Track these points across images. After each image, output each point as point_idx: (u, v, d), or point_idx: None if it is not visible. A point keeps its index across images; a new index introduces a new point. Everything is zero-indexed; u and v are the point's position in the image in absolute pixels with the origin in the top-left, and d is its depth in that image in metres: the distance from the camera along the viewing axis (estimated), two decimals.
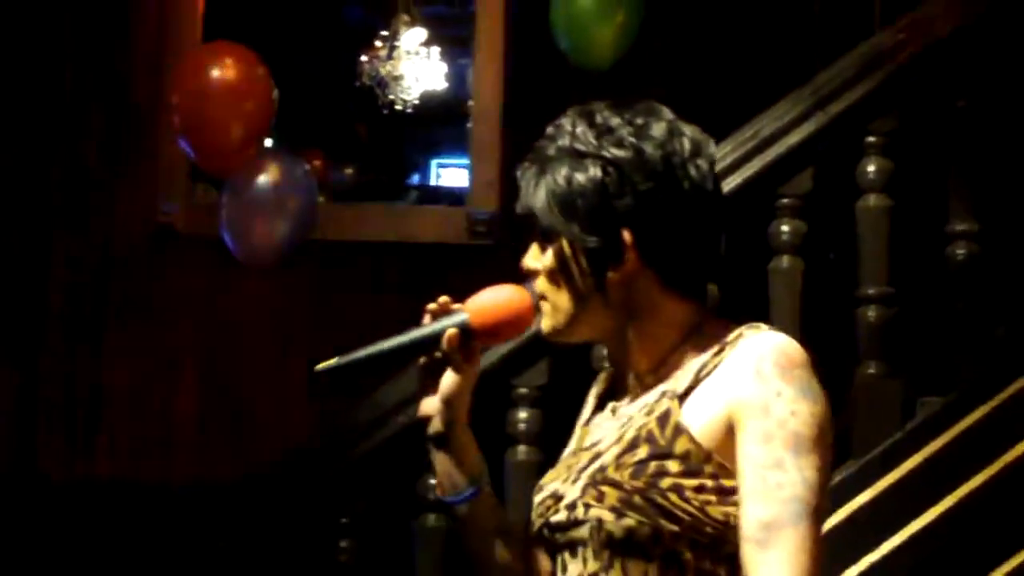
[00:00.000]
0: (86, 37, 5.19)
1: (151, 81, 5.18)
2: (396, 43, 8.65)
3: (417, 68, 8.72)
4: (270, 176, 4.01)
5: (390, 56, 8.65)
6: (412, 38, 8.70)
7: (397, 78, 8.63)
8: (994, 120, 3.75)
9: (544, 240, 1.99)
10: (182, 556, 4.39)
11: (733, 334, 1.91)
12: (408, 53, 8.65)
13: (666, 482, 1.84)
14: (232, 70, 4.25)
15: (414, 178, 10.39)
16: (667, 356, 1.95)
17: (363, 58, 8.83)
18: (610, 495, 1.87)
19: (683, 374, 1.92)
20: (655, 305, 1.95)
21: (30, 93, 5.13)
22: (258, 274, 4.63)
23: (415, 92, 8.72)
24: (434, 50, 8.81)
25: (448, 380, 2.04)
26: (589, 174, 1.91)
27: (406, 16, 8.54)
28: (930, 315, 3.77)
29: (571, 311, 1.97)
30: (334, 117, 8.98)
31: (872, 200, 3.65)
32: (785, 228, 3.65)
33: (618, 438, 1.93)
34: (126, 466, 5.02)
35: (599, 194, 1.91)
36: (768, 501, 1.79)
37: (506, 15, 5.25)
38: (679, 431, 1.86)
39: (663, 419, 1.88)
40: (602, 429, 2.02)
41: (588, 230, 1.92)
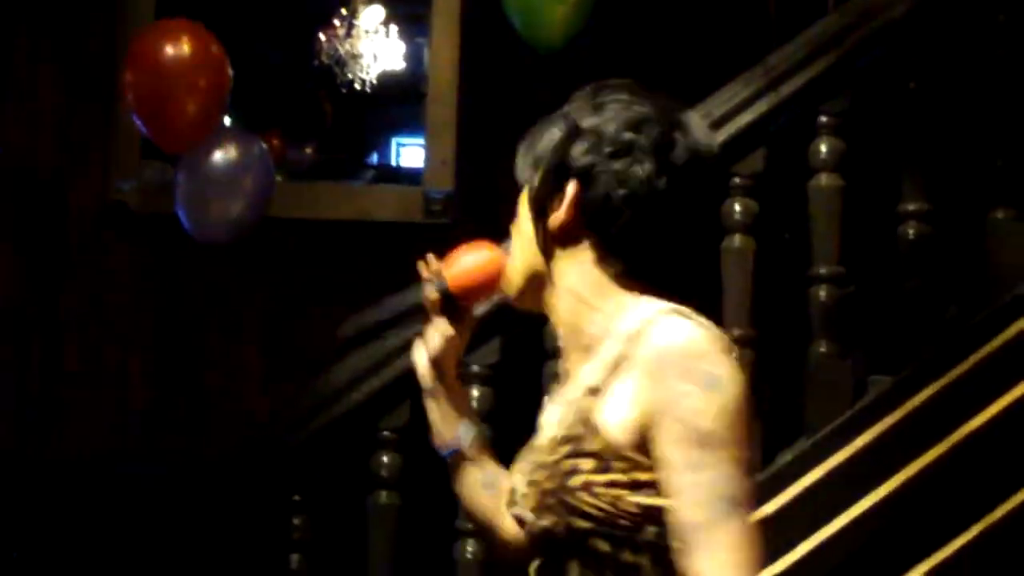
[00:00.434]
0: (40, 11, 5.15)
1: (104, 58, 5.15)
2: (355, 21, 8.63)
3: (376, 47, 8.70)
4: (226, 154, 3.99)
5: (348, 35, 8.62)
6: (370, 16, 8.68)
7: (356, 57, 8.60)
8: (945, 101, 3.77)
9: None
10: (134, 539, 4.41)
11: (650, 319, 1.90)
12: (366, 32, 8.63)
13: (577, 480, 1.88)
14: (186, 47, 4.21)
15: (373, 157, 10.35)
16: (600, 335, 1.97)
17: (321, 36, 8.79)
18: (531, 497, 1.96)
19: (603, 362, 1.94)
20: (594, 277, 1.99)
21: None
22: (213, 252, 4.61)
23: (374, 71, 8.70)
24: (392, 28, 8.79)
25: (435, 341, 2.18)
26: (553, 134, 2.02)
27: None
28: (882, 295, 3.79)
29: (519, 265, 2.07)
30: (293, 96, 8.93)
31: (824, 180, 3.67)
32: (737, 207, 3.66)
33: (547, 435, 2.00)
34: (79, 447, 4.99)
35: (556, 149, 2.01)
36: (691, 505, 1.80)
37: None
38: (592, 428, 1.90)
39: (580, 415, 1.93)
40: (546, 416, 2.08)
41: (538, 175, 2.03)
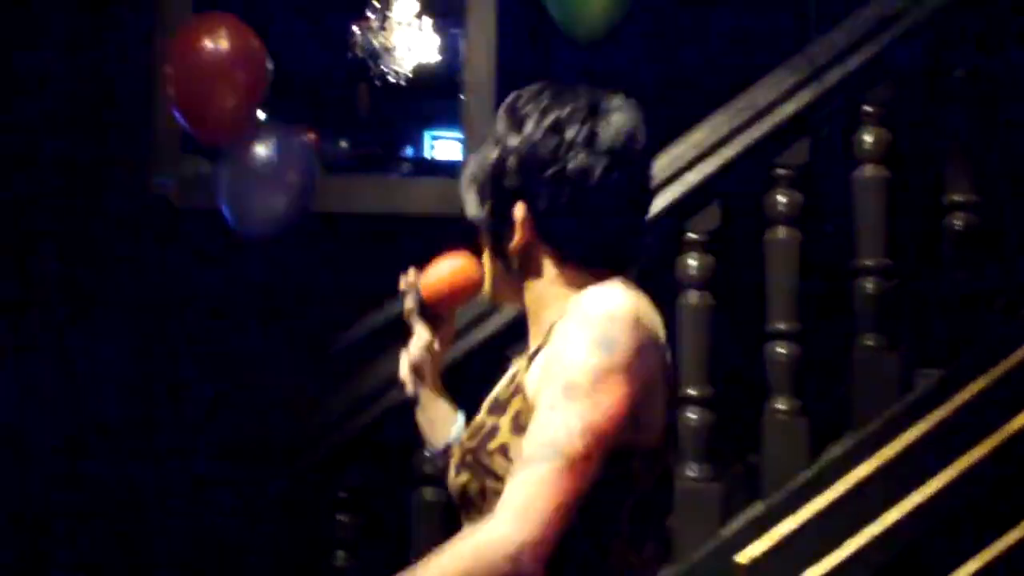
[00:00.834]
0: (76, 5, 5.14)
1: (143, 53, 5.14)
2: (388, 14, 8.61)
3: (409, 39, 8.67)
4: (268, 147, 3.97)
5: (382, 27, 8.60)
6: (404, 9, 8.66)
7: (389, 49, 8.59)
8: (992, 89, 3.72)
9: None
10: (182, 535, 4.41)
11: (588, 291, 2.00)
12: (400, 24, 8.61)
13: (494, 443, 1.99)
14: (226, 41, 4.21)
15: (407, 151, 10.34)
16: (556, 318, 2.02)
17: (355, 30, 8.78)
18: (456, 454, 2.10)
19: (542, 332, 2.05)
20: (553, 276, 2.08)
21: (20, 62, 5.09)
22: (251, 247, 4.60)
23: (408, 64, 8.68)
24: (426, 21, 8.77)
25: (415, 349, 2.35)
26: (489, 158, 2.11)
27: None
28: (928, 287, 3.75)
29: (491, 277, 2.18)
30: (328, 90, 8.93)
31: (868, 171, 3.63)
32: (781, 199, 3.63)
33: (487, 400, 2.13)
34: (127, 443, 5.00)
35: (493, 175, 2.10)
36: (531, 437, 1.88)
37: None
38: (517, 391, 2.01)
39: (512, 379, 2.06)
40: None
41: (484, 205, 2.12)
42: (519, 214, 2.06)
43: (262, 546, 3.72)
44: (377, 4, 8.68)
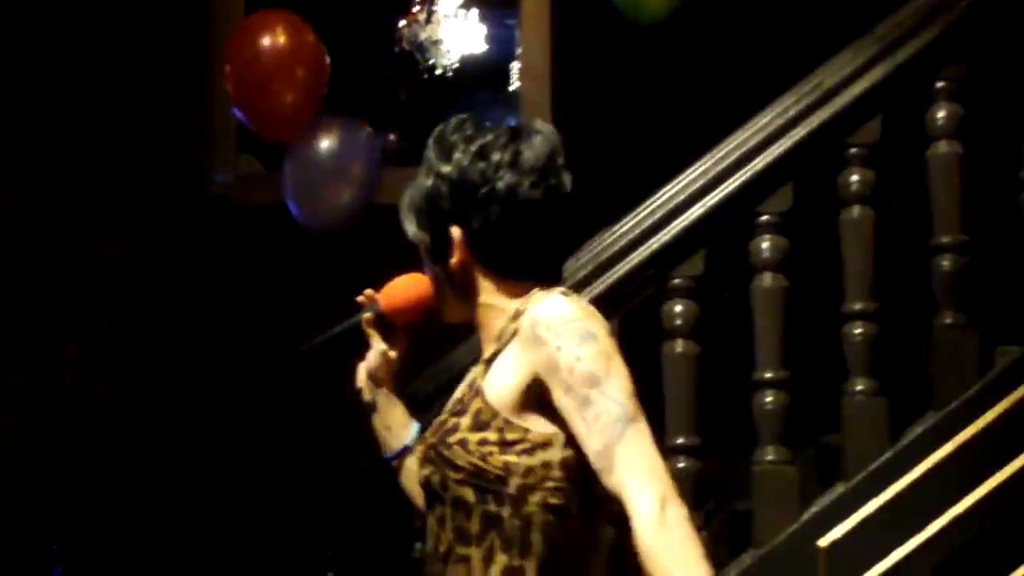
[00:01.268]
0: (131, 6, 5.15)
1: (197, 51, 5.15)
2: (434, 7, 8.58)
3: (456, 31, 8.63)
4: (333, 141, 3.97)
5: (428, 20, 8.57)
6: (450, 1, 8.62)
7: (436, 42, 8.55)
8: None
9: None
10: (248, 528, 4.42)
11: (532, 299, 2.19)
12: (446, 16, 8.57)
13: (454, 437, 2.16)
14: (284, 37, 4.22)
15: None
16: (504, 326, 2.22)
17: (401, 23, 8.75)
18: (420, 451, 2.28)
19: (494, 338, 2.24)
20: (493, 289, 2.26)
21: (76, 66, 5.10)
22: (309, 241, 4.60)
23: (454, 56, 8.64)
24: (472, 12, 8.73)
25: (371, 357, 2.52)
26: (424, 185, 2.28)
27: None
28: (1005, 263, 3.70)
29: (438, 295, 2.35)
30: (375, 83, 8.90)
31: (943, 147, 3.59)
32: (855, 178, 3.60)
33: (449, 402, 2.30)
34: (184, 438, 5.01)
35: (428, 201, 2.27)
36: (594, 434, 2.06)
37: None
38: (476, 393, 2.18)
39: (471, 383, 2.23)
40: None
41: (422, 230, 2.30)
42: (455, 235, 2.24)
43: None
44: None
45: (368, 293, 2.53)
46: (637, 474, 2.02)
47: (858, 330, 3.53)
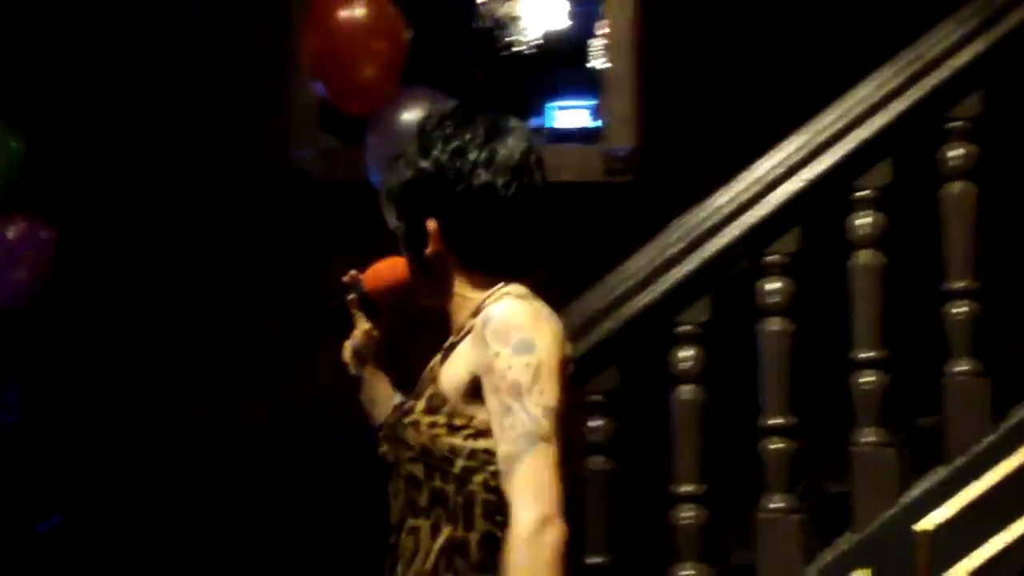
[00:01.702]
0: None
1: (276, 27, 5.11)
2: None
3: (536, 8, 8.57)
4: (416, 114, 3.91)
5: None
6: None
7: (515, 19, 8.49)
8: None
9: None
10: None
11: (492, 296, 2.33)
12: None
13: (408, 419, 2.33)
14: (364, 10, 4.21)
15: (531, 121, 10.24)
16: (469, 316, 2.35)
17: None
18: (382, 429, 2.45)
19: (456, 330, 2.38)
20: (465, 281, 2.38)
21: (161, 45, 5.10)
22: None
23: (533, 33, 8.57)
24: None
25: (356, 335, 2.67)
26: (403, 177, 2.40)
27: None
28: None
29: (413, 280, 2.46)
30: (454, 60, 8.85)
31: None
32: (955, 152, 3.50)
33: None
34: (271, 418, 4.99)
35: (407, 193, 2.39)
36: (504, 441, 2.20)
37: None
38: (432, 378, 2.34)
39: (430, 369, 2.37)
40: None
41: (400, 220, 2.42)
42: (431, 227, 2.36)
43: None
44: None
45: (352, 274, 2.65)
46: (528, 490, 2.15)
47: (962, 309, 3.43)
